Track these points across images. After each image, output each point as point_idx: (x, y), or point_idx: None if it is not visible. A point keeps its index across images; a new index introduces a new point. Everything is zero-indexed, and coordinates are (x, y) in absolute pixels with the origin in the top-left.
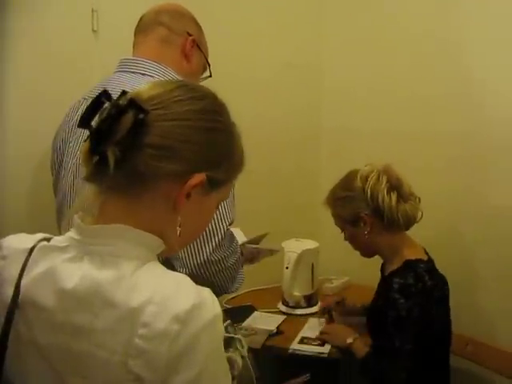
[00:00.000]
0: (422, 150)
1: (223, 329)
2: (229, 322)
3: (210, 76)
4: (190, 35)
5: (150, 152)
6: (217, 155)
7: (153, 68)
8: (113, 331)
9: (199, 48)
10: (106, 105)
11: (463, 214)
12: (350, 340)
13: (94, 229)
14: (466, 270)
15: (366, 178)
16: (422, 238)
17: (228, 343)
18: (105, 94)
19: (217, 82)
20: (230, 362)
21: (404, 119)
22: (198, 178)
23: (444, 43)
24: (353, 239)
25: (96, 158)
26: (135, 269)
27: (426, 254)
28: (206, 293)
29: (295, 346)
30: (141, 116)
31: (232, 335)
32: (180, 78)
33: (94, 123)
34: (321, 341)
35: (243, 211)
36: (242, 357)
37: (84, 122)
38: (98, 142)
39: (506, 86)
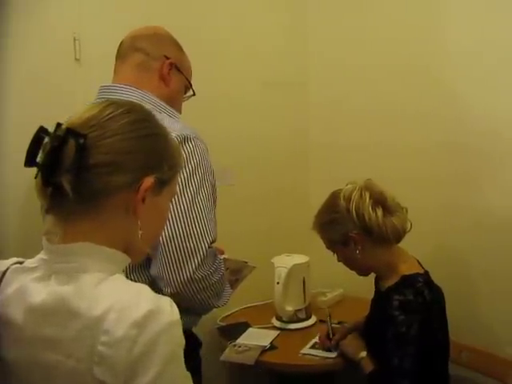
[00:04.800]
0: (411, 163)
1: (182, 335)
2: None
3: (194, 94)
4: (168, 58)
5: (99, 171)
6: (158, 157)
7: (130, 93)
8: (78, 340)
9: (179, 70)
10: (46, 139)
11: (454, 226)
12: (362, 354)
13: (59, 248)
14: (460, 280)
15: (349, 198)
16: (415, 252)
17: None
18: (42, 130)
19: (203, 101)
20: None
21: (392, 133)
22: (148, 181)
23: (429, 56)
24: (346, 260)
25: (50, 190)
26: (98, 282)
27: (421, 265)
28: (165, 300)
29: (305, 350)
30: (81, 141)
31: None
32: (160, 102)
33: (39, 159)
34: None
35: (233, 229)
36: None
37: (29, 160)
38: (48, 174)
39: (494, 98)
